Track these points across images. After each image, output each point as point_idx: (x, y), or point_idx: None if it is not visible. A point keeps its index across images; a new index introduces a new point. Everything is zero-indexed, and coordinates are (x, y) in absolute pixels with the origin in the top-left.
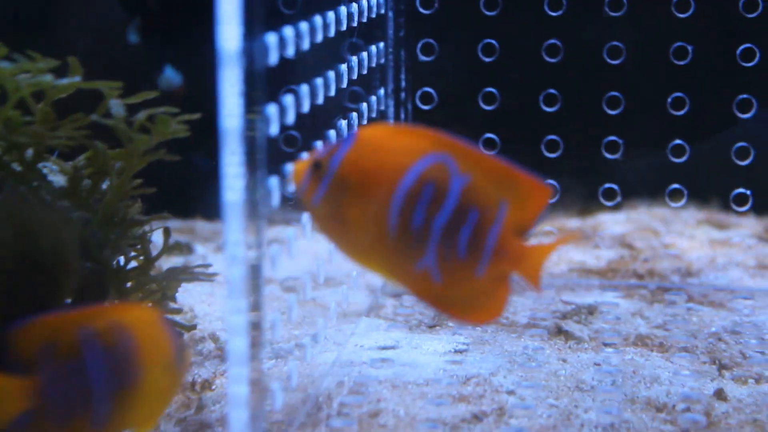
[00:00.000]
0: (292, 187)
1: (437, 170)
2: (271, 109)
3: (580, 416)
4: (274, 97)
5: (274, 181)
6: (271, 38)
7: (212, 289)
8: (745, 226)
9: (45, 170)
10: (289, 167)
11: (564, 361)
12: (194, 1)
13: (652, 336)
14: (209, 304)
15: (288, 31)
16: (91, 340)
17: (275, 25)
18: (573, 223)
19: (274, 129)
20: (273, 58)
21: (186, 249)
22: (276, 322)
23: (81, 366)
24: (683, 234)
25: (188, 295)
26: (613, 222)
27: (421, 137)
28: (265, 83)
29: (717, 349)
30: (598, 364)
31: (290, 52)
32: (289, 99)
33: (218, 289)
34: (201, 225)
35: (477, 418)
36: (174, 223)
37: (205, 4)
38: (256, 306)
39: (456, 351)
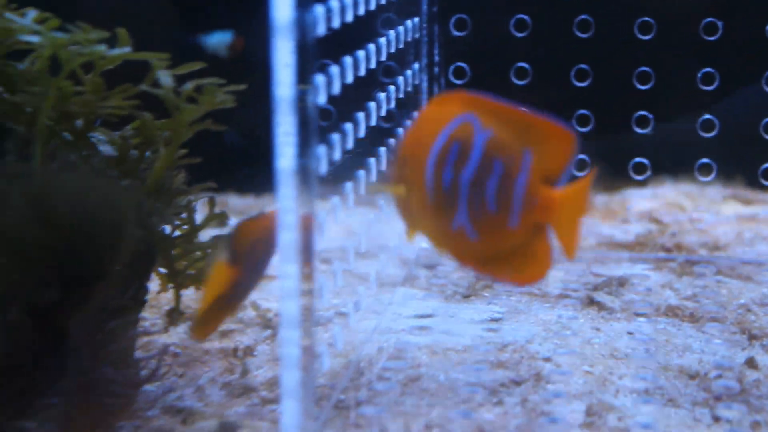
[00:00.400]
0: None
1: (463, 129)
2: (320, 79)
3: (615, 382)
4: (320, 68)
5: (322, 150)
6: (320, 9)
7: None
8: None
9: (93, 140)
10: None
11: (597, 330)
12: None
13: (683, 307)
14: None
15: (333, 2)
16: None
17: None
18: (600, 199)
19: (322, 99)
20: (321, 29)
21: (224, 219)
22: (322, 288)
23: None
24: (709, 210)
25: None
26: (640, 197)
27: (452, 102)
28: (315, 53)
29: (746, 320)
30: (631, 333)
31: (335, 23)
32: (335, 70)
33: None
34: (233, 199)
35: (515, 382)
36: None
37: None
38: (307, 271)
39: (492, 319)
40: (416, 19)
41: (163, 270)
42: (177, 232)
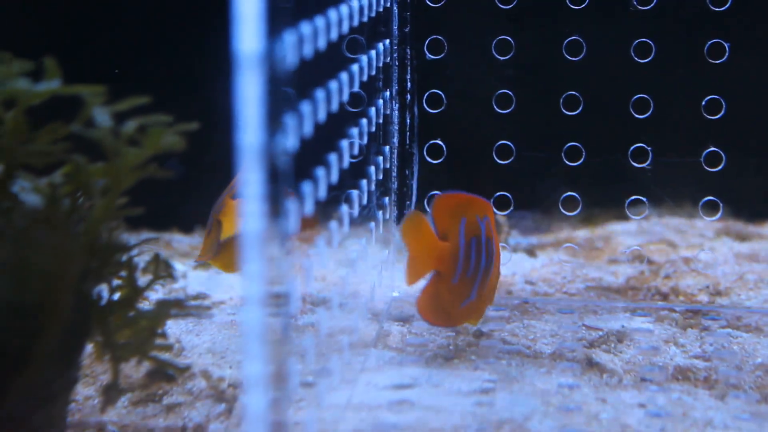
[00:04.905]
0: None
1: None
2: (292, 119)
3: None
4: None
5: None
6: (290, 37)
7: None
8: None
9: (16, 188)
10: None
11: (603, 401)
12: None
13: (693, 368)
14: (197, 335)
15: (305, 28)
16: (485, 225)
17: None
18: (581, 233)
19: (292, 143)
20: (293, 60)
21: (167, 272)
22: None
23: (479, 243)
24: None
25: (173, 323)
26: (624, 233)
27: None
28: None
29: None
30: (643, 406)
31: (308, 51)
32: (307, 107)
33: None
34: (178, 238)
35: None
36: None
37: None
38: (279, 354)
39: (482, 390)
40: (386, 42)
41: (99, 338)
42: (116, 295)
